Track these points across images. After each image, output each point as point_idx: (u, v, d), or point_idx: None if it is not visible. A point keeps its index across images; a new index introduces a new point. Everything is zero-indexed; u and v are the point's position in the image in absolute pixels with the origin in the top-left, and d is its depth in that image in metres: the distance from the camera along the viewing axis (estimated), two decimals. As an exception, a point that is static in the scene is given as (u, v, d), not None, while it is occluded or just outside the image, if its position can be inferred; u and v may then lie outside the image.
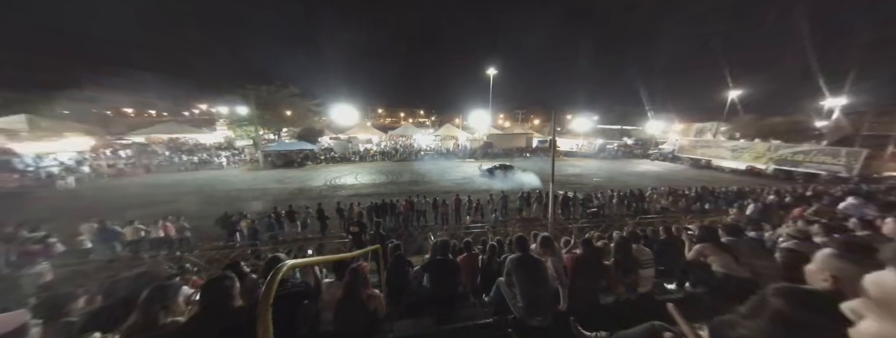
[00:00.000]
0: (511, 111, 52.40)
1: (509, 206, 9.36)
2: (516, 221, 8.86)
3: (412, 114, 62.36)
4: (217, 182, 14.57)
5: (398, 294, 2.73)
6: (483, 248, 4.33)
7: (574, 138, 31.15)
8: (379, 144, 26.61)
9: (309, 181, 14.65)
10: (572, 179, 15.73)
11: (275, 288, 0.84)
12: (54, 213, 8.83)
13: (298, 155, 20.03)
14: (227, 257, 5.76)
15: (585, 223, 7.81)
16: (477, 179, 15.48)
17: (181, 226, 7.00)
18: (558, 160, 15.87)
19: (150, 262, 5.19)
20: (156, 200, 11.06)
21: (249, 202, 10.47)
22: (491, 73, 29.96)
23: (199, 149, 22.04)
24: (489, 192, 9.94)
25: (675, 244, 3.03)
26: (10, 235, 5.82)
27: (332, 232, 7.57)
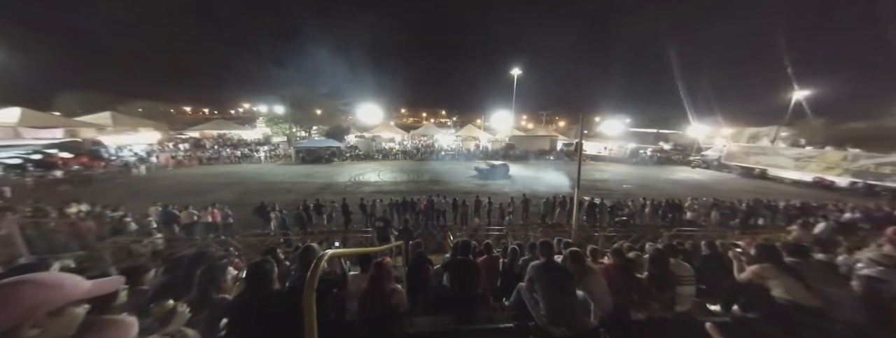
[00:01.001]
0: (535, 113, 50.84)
1: (530, 210, 9.09)
2: (537, 226, 8.57)
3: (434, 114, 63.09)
4: (256, 175, 15.93)
5: (418, 291, 2.79)
6: (503, 251, 4.28)
7: (602, 142, 29.26)
8: (401, 143, 27.27)
9: (335, 177, 15.44)
10: (599, 185, 14.85)
11: (318, 274, 0.90)
12: (130, 196, 10.27)
13: (326, 152, 21.22)
14: (263, 243, 6.30)
15: (613, 232, 7.33)
16: (500, 181, 15.24)
17: (226, 213, 7.76)
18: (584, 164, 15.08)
19: (201, 243, 5.83)
20: (205, 188, 12.39)
21: (282, 194, 11.32)
22: (515, 73, 29.31)
23: (241, 144, 24.28)
24: (510, 194, 9.73)
25: (721, 261, 2.74)
26: (99, 213, 6.89)
27: (354, 226, 7.91)
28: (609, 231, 7.32)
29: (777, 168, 18.47)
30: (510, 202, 8.99)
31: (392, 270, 2.12)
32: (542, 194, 10.26)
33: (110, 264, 2.63)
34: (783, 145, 20.97)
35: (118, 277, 1.03)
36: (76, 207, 7.02)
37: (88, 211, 7.07)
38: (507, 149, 25.34)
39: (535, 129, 37.92)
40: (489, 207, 8.77)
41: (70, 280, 0.79)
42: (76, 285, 0.80)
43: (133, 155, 17.33)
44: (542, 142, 27.02)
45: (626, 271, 2.30)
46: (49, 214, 6.50)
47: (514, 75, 29.35)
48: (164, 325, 1.18)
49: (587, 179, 14.92)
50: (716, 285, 2.49)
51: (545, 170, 18.41)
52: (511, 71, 29.39)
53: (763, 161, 19.42)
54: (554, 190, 11.40)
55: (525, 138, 28.19)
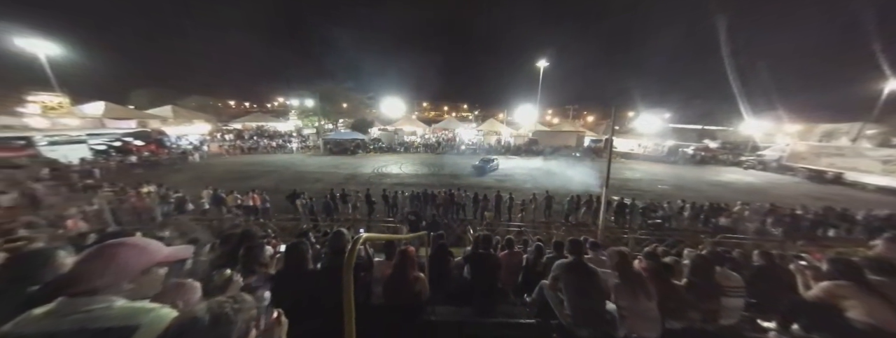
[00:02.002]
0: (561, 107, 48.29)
1: (553, 207, 8.78)
2: (561, 225, 8.28)
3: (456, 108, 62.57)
4: (288, 164, 17.16)
5: (439, 281, 2.85)
6: (524, 247, 4.21)
7: (635, 139, 26.97)
8: (422, 137, 27.58)
9: (359, 168, 16.12)
10: (630, 185, 13.86)
11: (355, 254, 0.95)
12: (187, 180, 11.67)
13: (351, 143, 22.16)
14: (295, 227, 6.84)
15: (645, 235, 6.84)
16: (518, 177, 14.88)
17: (264, 198, 8.51)
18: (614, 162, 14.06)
19: (244, 224, 6.48)
20: (246, 175, 13.64)
21: (311, 183, 12.10)
22: (541, 65, 27.87)
23: (276, 135, 26.21)
24: (532, 191, 9.46)
25: (777, 274, 2.43)
26: (165, 194, 7.91)
27: (377, 216, 8.25)
28: (640, 234, 6.85)
29: (858, 172, 15.71)
30: (532, 199, 8.75)
31: (415, 258, 2.19)
32: (564, 192, 9.85)
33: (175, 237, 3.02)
34: (868, 145, 17.68)
35: (188, 246, 1.17)
36: (147, 188, 8.14)
37: (156, 191, 8.17)
38: (529, 144, 24.51)
39: (561, 124, 36.04)
40: (510, 202, 8.62)
41: (155, 245, 0.92)
42: (159, 250, 0.92)
43: (189, 144, 19.55)
44: (568, 137, 25.68)
45: (661, 277, 2.13)
46: (128, 192, 7.62)
47: (540, 68, 27.95)
48: (222, 291, 1.33)
49: (617, 178, 13.97)
50: (771, 300, 2.23)
51: (569, 167, 17.57)
52: (537, 63, 28.00)
53: (839, 163, 16.61)
54: (582, 188, 10.87)
55: (549, 134, 26.98)
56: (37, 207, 5.98)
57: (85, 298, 0.77)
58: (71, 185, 9.02)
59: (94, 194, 7.15)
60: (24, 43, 16.28)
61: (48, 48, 16.64)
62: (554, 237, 6.40)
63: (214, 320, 0.68)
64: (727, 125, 27.84)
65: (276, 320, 0.89)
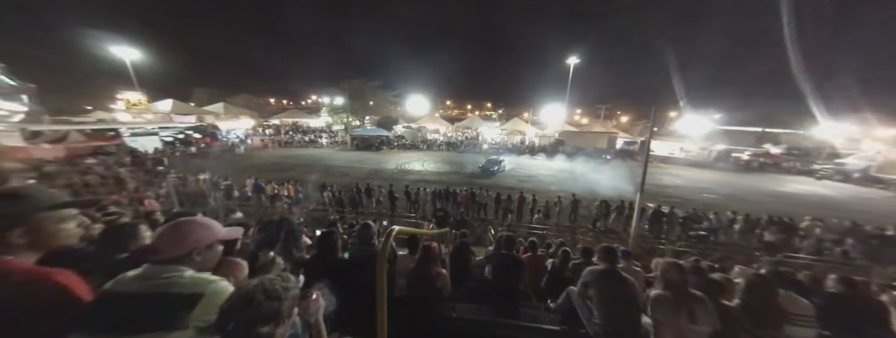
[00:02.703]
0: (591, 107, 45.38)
1: (580, 211, 8.34)
2: (588, 230, 7.83)
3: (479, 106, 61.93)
4: (319, 158, 18.31)
5: (460, 278, 2.86)
6: (547, 251, 4.06)
7: (677, 141, 24.33)
8: (445, 135, 27.73)
9: (383, 164, 16.68)
10: (669, 191, 12.64)
11: (389, 246, 0.98)
12: (234, 169, 13.01)
13: (376, 140, 22.99)
14: (325, 217, 7.30)
15: (685, 247, 6.21)
16: (542, 178, 14.34)
17: (297, 189, 9.20)
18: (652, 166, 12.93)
19: (280, 212, 7.07)
20: (282, 167, 14.83)
21: (339, 177, 12.79)
22: (571, 62, 26.36)
23: (309, 131, 28.10)
24: (558, 194, 9.07)
25: (862, 305, 2.06)
26: (216, 181, 8.90)
27: (399, 211, 8.49)
28: (679, 245, 6.23)
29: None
30: (557, 202, 8.39)
31: (439, 254, 2.21)
32: (592, 196, 9.28)
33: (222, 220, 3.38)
34: None
35: (239, 228, 1.30)
36: (203, 175, 9.22)
37: (209, 179, 9.23)
38: (555, 145, 23.43)
39: (591, 124, 33.89)
40: (533, 204, 8.35)
41: (217, 225, 1.04)
42: (220, 229, 1.04)
43: (236, 137, 21.75)
44: (598, 139, 24.05)
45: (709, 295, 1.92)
46: (188, 179, 8.71)
47: (570, 65, 26.47)
48: (266, 271, 1.46)
49: (653, 184, 12.83)
50: (852, 335, 1.90)
51: (599, 170, 16.48)
52: (567, 60, 26.54)
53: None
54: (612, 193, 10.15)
55: (578, 134, 25.50)
56: (122, 188, 7.10)
57: (164, 266, 0.89)
58: (146, 170, 10.55)
59: (163, 179, 8.30)
60: (116, 50, 19.77)
61: (132, 54, 20.20)
62: (580, 243, 6.10)
63: (266, 295, 0.74)
64: (795, 128, 24.00)
65: (314, 301, 0.95)
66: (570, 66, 26.49)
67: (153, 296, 0.83)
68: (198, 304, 0.85)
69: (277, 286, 0.78)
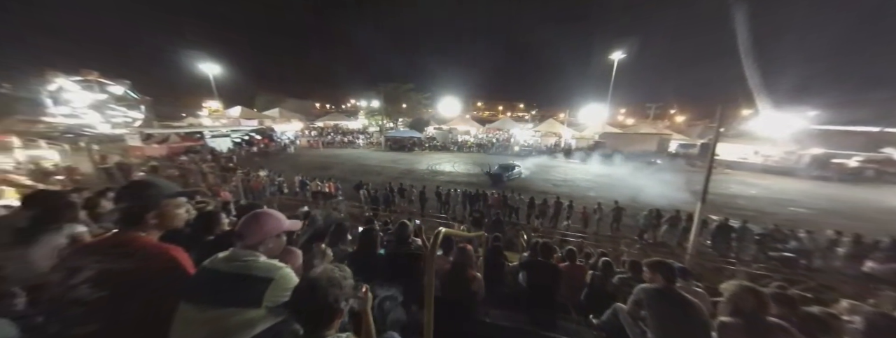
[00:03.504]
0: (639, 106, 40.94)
1: (623, 220, 7.56)
2: (633, 242, 7.06)
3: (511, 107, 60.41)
4: (356, 158, 19.62)
5: (492, 283, 2.81)
6: (586, 261, 3.77)
7: (750, 144, 20.29)
8: (476, 137, 27.58)
9: (415, 164, 17.20)
10: (740, 203, 10.75)
11: (437, 246, 1.01)
12: (286, 166, 14.69)
13: (409, 141, 23.83)
14: (360, 214, 7.79)
15: (763, 269, 5.19)
16: (579, 182, 13.35)
17: (337, 186, 9.98)
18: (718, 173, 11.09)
19: (323, 207, 7.75)
20: (324, 165, 16.22)
21: (374, 176, 13.54)
22: (616, 58, 24.09)
23: (348, 132, 30.33)
24: (598, 200, 8.36)
25: None
26: (271, 177, 10.12)
27: (429, 211, 8.66)
28: (756, 268, 5.23)
29: None
30: (597, 209, 7.73)
31: (474, 257, 2.20)
32: (638, 205, 8.35)
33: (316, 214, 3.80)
34: None
35: (297, 221, 1.46)
36: (262, 172, 10.58)
37: (267, 175, 10.54)
38: (595, 147, 21.59)
39: (637, 125, 30.48)
40: (569, 210, 7.82)
41: (283, 216, 1.18)
42: (285, 220, 1.18)
43: (288, 139, 24.52)
44: (647, 141, 21.48)
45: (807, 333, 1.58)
46: (251, 174, 10.08)
47: (613, 61, 24.21)
48: (320, 261, 1.62)
49: (719, 193, 11.05)
50: None
51: (647, 175, 14.75)
52: (610, 56, 24.33)
53: None
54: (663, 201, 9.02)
55: (621, 136, 23.14)
56: (205, 181, 8.54)
57: (245, 250, 1.04)
58: (222, 167, 12.48)
59: (233, 175, 9.73)
60: (203, 67, 24.09)
61: (214, 69, 24.29)
62: (624, 255, 5.53)
63: (330, 283, 0.82)
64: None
65: (365, 294, 1.02)
66: (613, 62, 24.27)
67: (236, 276, 0.97)
68: (269, 287, 0.97)
69: (337, 275, 0.85)
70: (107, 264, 0.91)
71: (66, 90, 16.61)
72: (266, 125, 24.57)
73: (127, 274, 0.92)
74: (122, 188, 1.05)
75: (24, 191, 2.98)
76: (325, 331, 0.81)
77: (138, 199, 1.00)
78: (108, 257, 0.93)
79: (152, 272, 0.96)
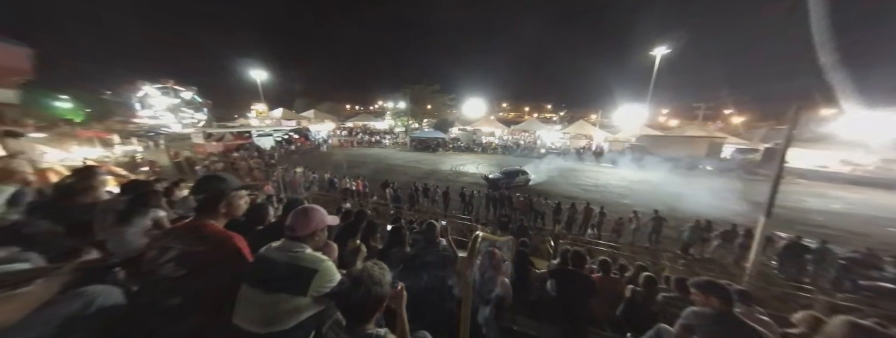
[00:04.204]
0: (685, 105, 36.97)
1: (663, 232, 6.87)
2: (677, 257, 6.38)
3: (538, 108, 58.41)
4: (382, 157, 20.39)
5: (518, 290, 2.72)
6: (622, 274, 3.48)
7: (833, 150, 16.87)
8: (500, 138, 27.10)
9: (439, 165, 17.38)
10: (816, 219, 9.15)
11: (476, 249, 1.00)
12: (319, 164, 15.78)
13: (433, 142, 24.16)
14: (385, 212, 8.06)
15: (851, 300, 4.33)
16: (613, 189, 12.40)
17: (365, 184, 10.46)
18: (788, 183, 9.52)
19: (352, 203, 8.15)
20: (354, 164, 17.09)
21: (399, 175, 13.94)
22: (658, 53, 21.97)
23: (375, 133, 31.65)
24: (634, 208, 7.70)
25: None
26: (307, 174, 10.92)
27: (452, 212, 8.67)
28: (843, 299, 4.38)
29: None
30: (633, 217, 7.11)
31: (502, 262, 2.15)
32: (681, 215, 7.52)
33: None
34: None
35: (336, 216, 1.56)
36: (299, 169, 11.48)
37: (303, 172, 11.41)
38: (634, 151, 19.91)
39: (683, 126, 27.47)
40: (600, 217, 7.31)
41: (325, 212, 1.26)
42: (328, 215, 1.26)
43: (322, 138, 26.32)
44: (694, 144, 19.20)
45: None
46: (289, 170, 10.99)
47: (655, 57, 22.12)
48: (353, 255, 1.70)
49: (790, 207, 9.53)
50: None
51: (693, 183, 13.20)
52: (652, 51, 22.26)
53: None
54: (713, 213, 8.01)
55: (663, 139, 21.02)
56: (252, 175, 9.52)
57: (295, 242, 1.13)
58: (266, 163, 13.81)
59: (274, 170, 10.70)
60: (253, 73, 26.98)
61: (262, 75, 27.08)
62: (665, 270, 5.02)
63: (371, 280, 0.86)
64: None
65: (400, 292, 1.05)
66: (654, 58, 22.20)
67: (287, 265, 1.06)
68: (314, 277, 1.04)
69: (378, 274, 0.89)
70: (187, 246, 1.05)
71: (150, 96, 19.70)
72: (303, 125, 26.64)
73: (202, 256, 1.05)
74: (199, 181, 1.20)
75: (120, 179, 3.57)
76: (365, 325, 0.85)
77: (212, 191, 1.14)
78: (187, 240, 1.07)
79: (222, 256, 1.08)
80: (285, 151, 20.35)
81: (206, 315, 1.03)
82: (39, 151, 4.90)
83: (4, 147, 3.51)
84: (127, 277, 1.33)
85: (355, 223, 2.65)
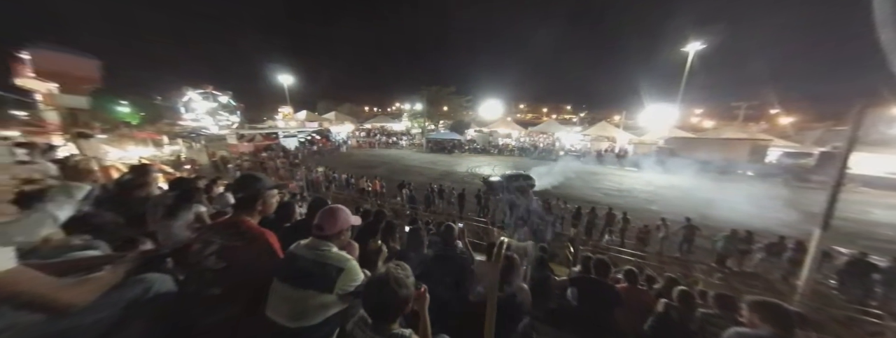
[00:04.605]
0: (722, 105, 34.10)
1: (696, 242, 6.36)
2: (710, 270, 5.89)
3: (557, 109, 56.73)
4: (399, 158, 20.76)
5: (536, 296, 2.64)
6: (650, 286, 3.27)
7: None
8: (517, 140, 26.64)
9: (455, 166, 17.39)
10: (886, 233, 8.00)
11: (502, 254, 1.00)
12: (339, 163, 16.41)
13: (449, 143, 24.26)
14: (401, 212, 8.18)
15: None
16: (638, 194, 11.70)
17: (382, 184, 10.70)
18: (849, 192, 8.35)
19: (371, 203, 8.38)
20: (370, 164, 17.57)
21: (415, 176, 14.11)
22: (691, 49, 20.46)
23: (392, 134, 32.34)
24: (661, 215, 7.21)
25: None
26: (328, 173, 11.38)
27: (468, 214, 8.62)
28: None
29: None
30: (661, 225, 6.66)
31: (520, 267, 2.10)
32: (715, 224, 6.92)
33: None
34: None
35: (358, 217, 1.60)
36: (321, 168, 12.01)
37: (324, 172, 11.91)
38: (662, 154, 18.66)
39: (720, 127, 25.25)
40: (624, 224, 6.92)
41: (349, 211, 1.31)
42: (352, 215, 1.30)
43: (342, 139, 27.37)
44: (733, 147, 17.56)
45: None
46: (312, 170, 11.53)
47: (687, 53, 20.61)
48: (375, 255, 1.74)
49: (853, 219, 8.47)
50: None
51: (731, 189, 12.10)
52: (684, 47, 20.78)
53: None
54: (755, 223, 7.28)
55: (696, 141, 19.49)
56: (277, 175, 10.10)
57: (322, 240, 1.18)
58: (291, 162, 14.61)
59: (298, 170, 11.27)
60: (281, 78, 28.80)
61: (288, 79, 28.79)
62: (699, 283, 4.64)
63: (397, 282, 0.88)
64: None
65: (423, 294, 1.05)
66: (687, 55, 20.71)
67: (315, 262, 1.11)
68: (340, 276, 1.08)
69: (402, 276, 0.90)
70: (226, 241, 1.13)
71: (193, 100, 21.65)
72: (324, 127, 27.85)
73: (239, 251, 1.13)
74: (238, 180, 1.30)
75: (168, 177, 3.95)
76: (390, 325, 0.86)
77: (251, 189, 1.23)
78: (227, 235, 1.15)
79: (256, 252, 1.16)
80: (307, 151, 21.38)
81: (242, 306, 1.10)
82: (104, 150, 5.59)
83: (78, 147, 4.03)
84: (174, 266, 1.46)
85: (374, 223, 2.71)
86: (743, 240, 5.91)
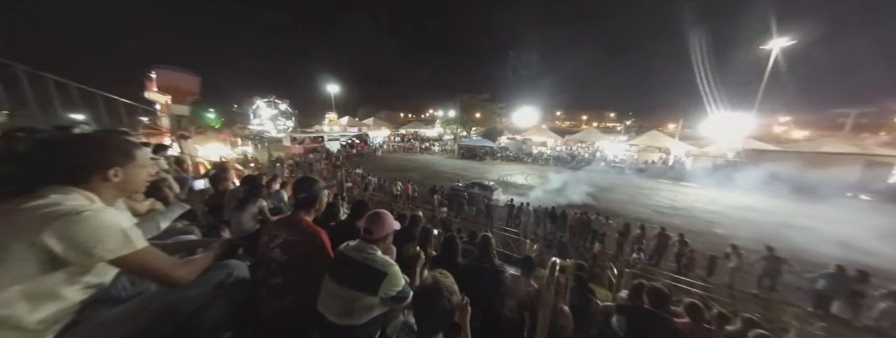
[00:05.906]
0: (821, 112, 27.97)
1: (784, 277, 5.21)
2: (806, 316, 4.75)
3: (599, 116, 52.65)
4: (431, 163, 21.23)
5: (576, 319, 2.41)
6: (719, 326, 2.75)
7: None
8: (553, 149, 25.32)
9: (486, 173, 17.14)
10: None
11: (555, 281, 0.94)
12: (375, 167, 17.41)
13: (481, 150, 24.09)
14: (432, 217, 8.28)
15: None
16: (698, 214, 10.11)
17: (415, 188, 11.02)
18: None
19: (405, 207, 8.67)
20: (405, 168, 18.25)
21: (446, 181, 14.23)
22: (775, 46, 17.28)
23: (425, 139, 33.35)
24: (728, 239, 6.10)
25: None
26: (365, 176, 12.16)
27: (498, 224, 8.36)
28: None
29: None
30: (732, 253, 5.62)
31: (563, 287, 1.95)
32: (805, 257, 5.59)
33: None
34: None
35: (397, 222, 1.66)
36: (359, 170, 12.89)
37: (361, 174, 12.76)
38: (732, 167, 15.88)
39: (817, 139, 20.60)
40: (680, 247, 5.99)
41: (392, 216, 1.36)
42: (394, 221, 1.36)
43: (378, 143, 29.10)
44: (838, 163, 14.11)
45: None
46: (351, 172, 12.45)
47: (769, 51, 17.44)
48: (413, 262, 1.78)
49: None
50: None
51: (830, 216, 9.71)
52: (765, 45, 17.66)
53: None
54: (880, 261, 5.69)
55: (782, 155, 16.22)
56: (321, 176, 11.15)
57: (368, 243, 1.25)
58: (333, 164, 15.98)
59: (339, 171, 12.26)
60: (329, 87, 32.31)
61: (334, 88, 32.08)
62: (792, 333, 3.77)
63: (448, 290, 0.88)
64: None
65: (465, 306, 1.03)
66: (768, 53, 17.57)
67: (362, 264, 1.17)
68: (384, 280, 1.12)
69: (450, 284, 0.91)
70: (289, 236, 1.27)
71: (260, 107, 25.46)
72: (363, 132, 29.98)
73: (298, 246, 1.25)
74: (299, 181, 1.45)
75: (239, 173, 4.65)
76: (436, 334, 0.87)
77: (312, 190, 1.37)
78: (289, 231, 1.29)
79: (312, 248, 1.28)
80: (347, 154, 23.16)
81: (299, 297, 1.21)
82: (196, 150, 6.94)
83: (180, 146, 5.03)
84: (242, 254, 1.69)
85: (410, 228, 2.79)
86: (854, 280, 4.66)
